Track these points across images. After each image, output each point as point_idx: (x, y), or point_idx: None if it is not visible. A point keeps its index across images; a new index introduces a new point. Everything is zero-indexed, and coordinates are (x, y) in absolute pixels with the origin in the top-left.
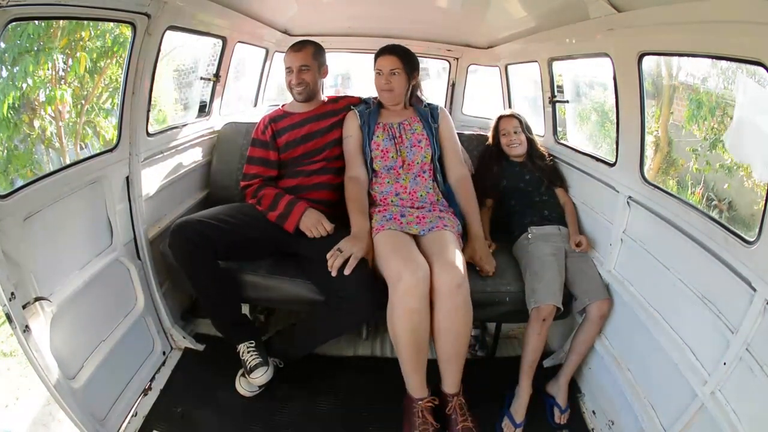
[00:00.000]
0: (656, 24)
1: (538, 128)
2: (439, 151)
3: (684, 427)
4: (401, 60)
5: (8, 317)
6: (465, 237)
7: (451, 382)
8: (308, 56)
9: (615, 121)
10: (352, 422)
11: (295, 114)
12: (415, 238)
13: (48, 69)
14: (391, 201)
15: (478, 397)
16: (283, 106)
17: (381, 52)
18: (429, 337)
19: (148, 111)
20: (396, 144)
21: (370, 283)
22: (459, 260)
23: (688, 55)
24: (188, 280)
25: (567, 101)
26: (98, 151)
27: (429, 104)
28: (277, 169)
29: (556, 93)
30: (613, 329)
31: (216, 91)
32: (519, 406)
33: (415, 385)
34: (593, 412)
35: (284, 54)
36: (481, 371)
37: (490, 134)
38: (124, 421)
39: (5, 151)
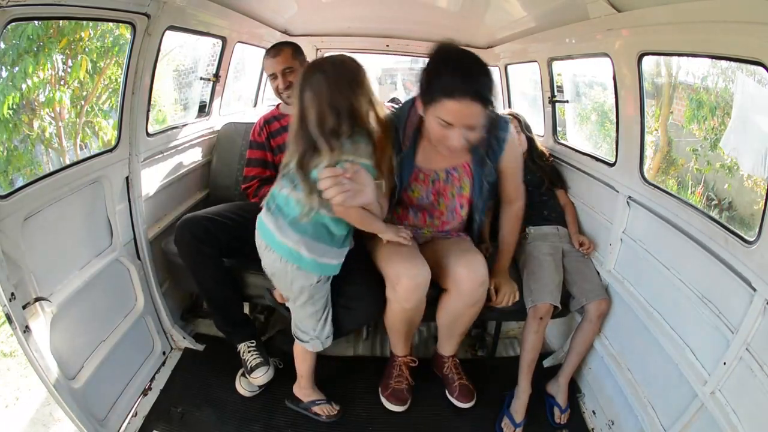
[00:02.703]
0: (656, 24)
1: (538, 128)
2: (483, 204)
3: (684, 427)
4: (483, 105)
5: (8, 317)
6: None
7: (449, 348)
8: (288, 58)
9: (615, 120)
10: (352, 422)
11: (288, 116)
12: (429, 242)
13: (48, 70)
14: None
15: (478, 396)
16: (277, 106)
17: (462, 94)
18: (420, 320)
19: (148, 111)
20: (435, 197)
21: (378, 282)
22: (481, 261)
23: (688, 55)
24: (192, 276)
25: (567, 101)
26: (98, 151)
27: (496, 136)
28: (275, 170)
29: (555, 93)
30: (612, 329)
31: (216, 91)
32: (519, 406)
33: (400, 347)
34: (593, 412)
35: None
36: (481, 371)
37: None
38: (124, 421)
39: (5, 151)
